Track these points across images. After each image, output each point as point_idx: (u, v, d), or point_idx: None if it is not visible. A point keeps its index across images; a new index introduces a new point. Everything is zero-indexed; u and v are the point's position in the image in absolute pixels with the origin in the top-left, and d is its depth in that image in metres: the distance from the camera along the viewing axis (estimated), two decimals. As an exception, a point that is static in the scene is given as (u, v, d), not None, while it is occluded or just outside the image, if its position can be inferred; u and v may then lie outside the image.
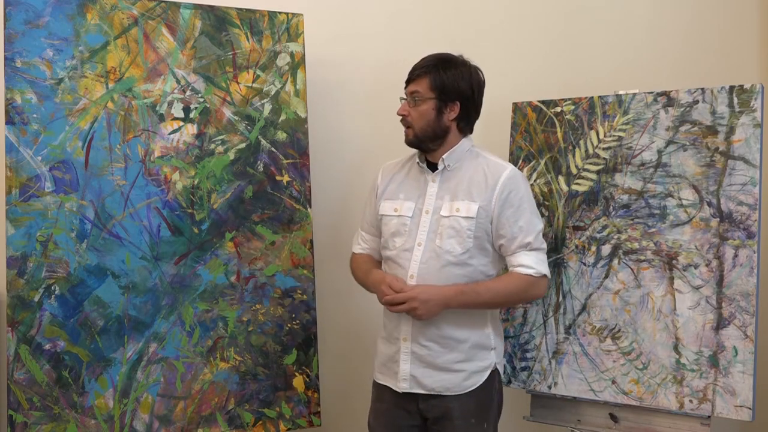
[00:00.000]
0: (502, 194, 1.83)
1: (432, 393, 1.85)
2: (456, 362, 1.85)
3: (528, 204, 1.86)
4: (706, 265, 1.93)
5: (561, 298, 2.11)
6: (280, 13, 2.17)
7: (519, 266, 1.84)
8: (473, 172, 1.87)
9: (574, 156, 2.16)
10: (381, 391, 1.95)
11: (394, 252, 1.89)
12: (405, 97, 1.89)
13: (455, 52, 1.89)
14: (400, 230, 1.89)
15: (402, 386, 1.87)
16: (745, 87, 1.94)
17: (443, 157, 1.87)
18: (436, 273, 1.82)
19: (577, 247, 2.11)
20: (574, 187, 2.14)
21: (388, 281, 1.82)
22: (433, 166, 1.90)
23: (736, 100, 1.94)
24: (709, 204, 1.94)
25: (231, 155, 2.09)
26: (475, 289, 1.82)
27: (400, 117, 1.88)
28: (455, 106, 1.85)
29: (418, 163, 1.92)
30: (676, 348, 1.94)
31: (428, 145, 1.87)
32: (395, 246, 1.89)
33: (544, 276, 1.87)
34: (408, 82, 1.87)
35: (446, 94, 1.83)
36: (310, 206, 2.20)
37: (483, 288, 1.83)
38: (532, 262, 1.84)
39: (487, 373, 1.88)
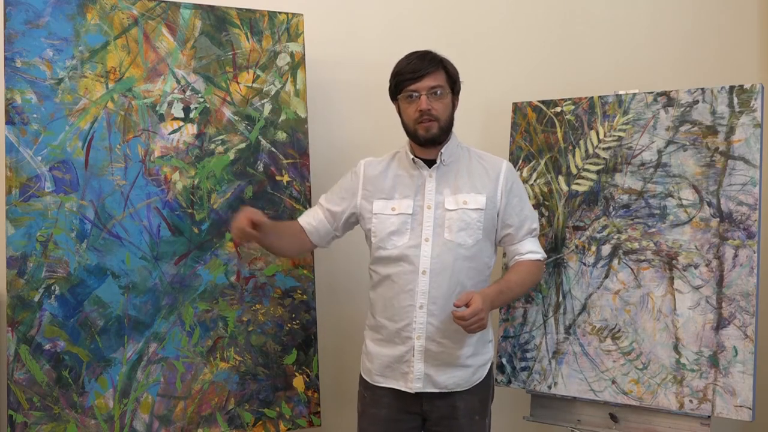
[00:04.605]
0: (507, 185, 1.88)
1: (443, 391, 1.84)
2: (466, 357, 1.85)
3: (525, 193, 1.96)
4: (706, 265, 1.93)
5: (561, 298, 2.11)
6: (280, 13, 2.17)
7: (529, 252, 1.91)
8: (470, 165, 1.89)
9: (574, 156, 2.16)
10: (379, 396, 1.90)
11: (398, 251, 1.84)
12: (414, 95, 1.80)
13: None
14: (401, 228, 1.85)
15: (415, 386, 1.83)
16: (745, 87, 1.94)
17: (442, 151, 1.86)
18: (450, 267, 1.82)
19: (577, 247, 2.11)
20: (574, 187, 2.14)
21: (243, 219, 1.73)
22: (427, 162, 1.88)
23: (736, 100, 1.94)
24: (709, 204, 1.94)
25: (231, 155, 2.09)
26: (508, 285, 1.84)
27: (419, 113, 1.79)
28: (457, 97, 1.89)
29: (413, 158, 1.87)
30: (676, 348, 1.93)
31: (443, 138, 1.85)
32: (397, 245, 1.85)
33: (545, 258, 1.97)
34: (420, 78, 1.79)
35: (455, 86, 1.87)
36: (310, 206, 2.19)
37: (513, 283, 1.86)
38: (538, 248, 1.93)
39: (488, 366, 1.91)
